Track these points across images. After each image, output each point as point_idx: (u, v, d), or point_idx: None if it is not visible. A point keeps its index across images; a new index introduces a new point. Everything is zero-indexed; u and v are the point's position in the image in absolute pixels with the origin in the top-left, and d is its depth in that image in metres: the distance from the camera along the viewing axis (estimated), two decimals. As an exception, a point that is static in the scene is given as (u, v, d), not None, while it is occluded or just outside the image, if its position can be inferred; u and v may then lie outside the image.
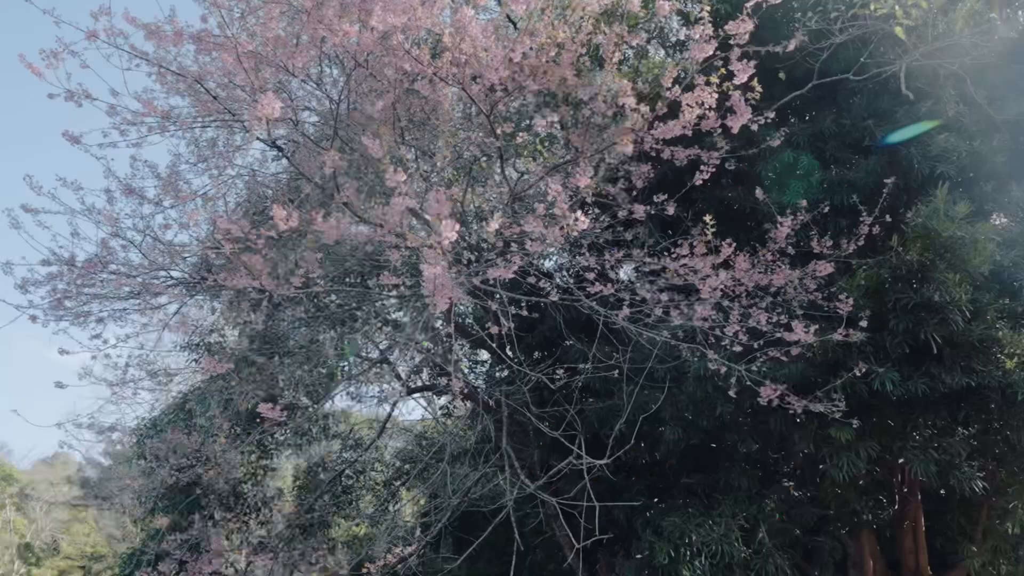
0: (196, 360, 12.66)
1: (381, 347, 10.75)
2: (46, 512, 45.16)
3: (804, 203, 6.33)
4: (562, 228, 4.47)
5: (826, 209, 7.04)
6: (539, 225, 4.60)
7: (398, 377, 9.85)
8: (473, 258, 5.45)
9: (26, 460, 52.47)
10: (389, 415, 10.73)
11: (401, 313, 10.52)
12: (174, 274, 7.46)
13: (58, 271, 6.79)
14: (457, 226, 3.62)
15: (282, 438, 12.86)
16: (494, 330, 5.90)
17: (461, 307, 10.73)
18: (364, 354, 11.20)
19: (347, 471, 12.19)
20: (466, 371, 12.56)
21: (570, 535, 7.61)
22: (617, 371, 6.86)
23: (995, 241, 6.35)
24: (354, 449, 14.31)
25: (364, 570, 11.17)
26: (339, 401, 13.90)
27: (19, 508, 44.29)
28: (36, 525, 44.24)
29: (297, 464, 15.17)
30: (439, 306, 3.91)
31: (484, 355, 12.57)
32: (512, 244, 5.23)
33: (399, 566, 11.64)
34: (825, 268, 5.97)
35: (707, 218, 5.07)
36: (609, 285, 5.54)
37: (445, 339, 9.77)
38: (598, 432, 7.98)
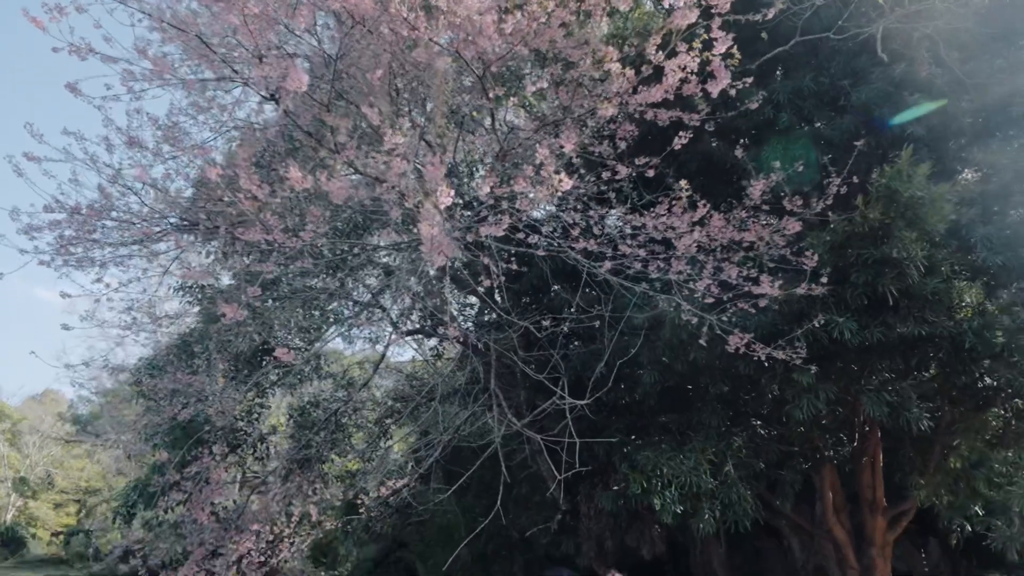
0: (190, 302, 13.06)
1: (373, 291, 11.13)
2: (39, 448, 45.82)
3: (777, 164, 6.66)
4: (549, 188, 4.81)
5: (800, 167, 7.40)
6: (527, 185, 4.94)
7: (393, 325, 10.25)
8: (467, 214, 5.79)
9: (16, 397, 52.99)
10: (382, 356, 11.18)
11: (392, 258, 10.86)
12: (173, 220, 7.74)
13: (64, 218, 7.04)
14: (452, 191, 3.95)
15: (276, 378, 13.30)
16: (486, 283, 6.27)
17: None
18: (356, 297, 11.59)
19: (341, 409, 12.70)
20: (455, 314, 13.00)
21: (553, 469, 8.17)
22: (599, 319, 7.30)
23: (953, 201, 6.75)
24: (346, 389, 14.86)
25: (358, 501, 11.85)
26: (331, 343, 14.39)
27: (12, 443, 44.89)
28: (30, 460, 44.93)
29: (290, 403, 15.73)
30: (436, 262, 4.27)
31: (472, 299, 13.00)
32: (503, 201, 5.56)
33: (392, 498, 12.33)
34: (794, 226, 6.35)
35: (683, 183, 5.40)
36: (593, 241, 5.91)
37: (436, 285, 10.16)
38: (580, 375, 8.51)
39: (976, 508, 7.44)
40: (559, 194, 4.86)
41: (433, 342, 13.14)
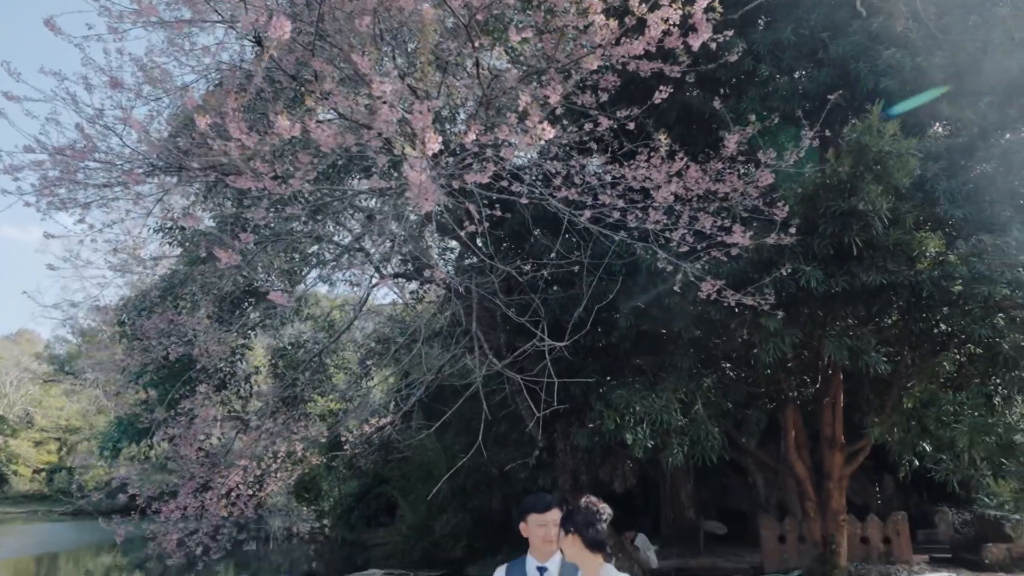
0: (171, 243, 13.07)
1: (355, 234, 11.24)
2: (16, 387, 45.67)
3: (753, 117, 6.83)
4: (532, 136, 4.95)
5: (777, 119, 7.58)
6: (511, 134, 5.07)
7: (378, 271, 10.40)
8: (450, 160, 5.91)
9: (-10, 337, 52.44)
10: (365, 299, 11.38)
11: (374, 202, 10.93)
12: (156, 163, 7.75)
13: (48, 159, 7.03)
14: (440, 138, 4.09)
15: (258, 319, 13.46)
16: (470, 228, 6.45)
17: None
18: (338, 240, 11.70)
19: (324, 349, 12.95)
20: (436, 258, 13.19)
21: (532, 407, 8.54)
22: (578, 264, 7.55)
23: (919, 156, 7.01)
24: (327, 331, 15.09)
25: (342, 439, 12.22)
26: (312, 285, 14.55)
27: (-12, 383, 44.62)
28: (8, 399, 44.81)
29: (271, 344, 15.96)
30: (423, 208, 4.44)
31: (453, 243, 13.16)
32: (487, 149, 5.69)
33: (375, 435, 12.72)
34: (767, 177, 6.56)
35: (663, 135, 5.57)
36: (574, 189, 6.10)
37: (418, 229, 10.30)
38: (559, 318, 8.81)
39: (924, 445, 7.96)
40: (542, 143, 5.01)
41: (414, 285, 13.35)
